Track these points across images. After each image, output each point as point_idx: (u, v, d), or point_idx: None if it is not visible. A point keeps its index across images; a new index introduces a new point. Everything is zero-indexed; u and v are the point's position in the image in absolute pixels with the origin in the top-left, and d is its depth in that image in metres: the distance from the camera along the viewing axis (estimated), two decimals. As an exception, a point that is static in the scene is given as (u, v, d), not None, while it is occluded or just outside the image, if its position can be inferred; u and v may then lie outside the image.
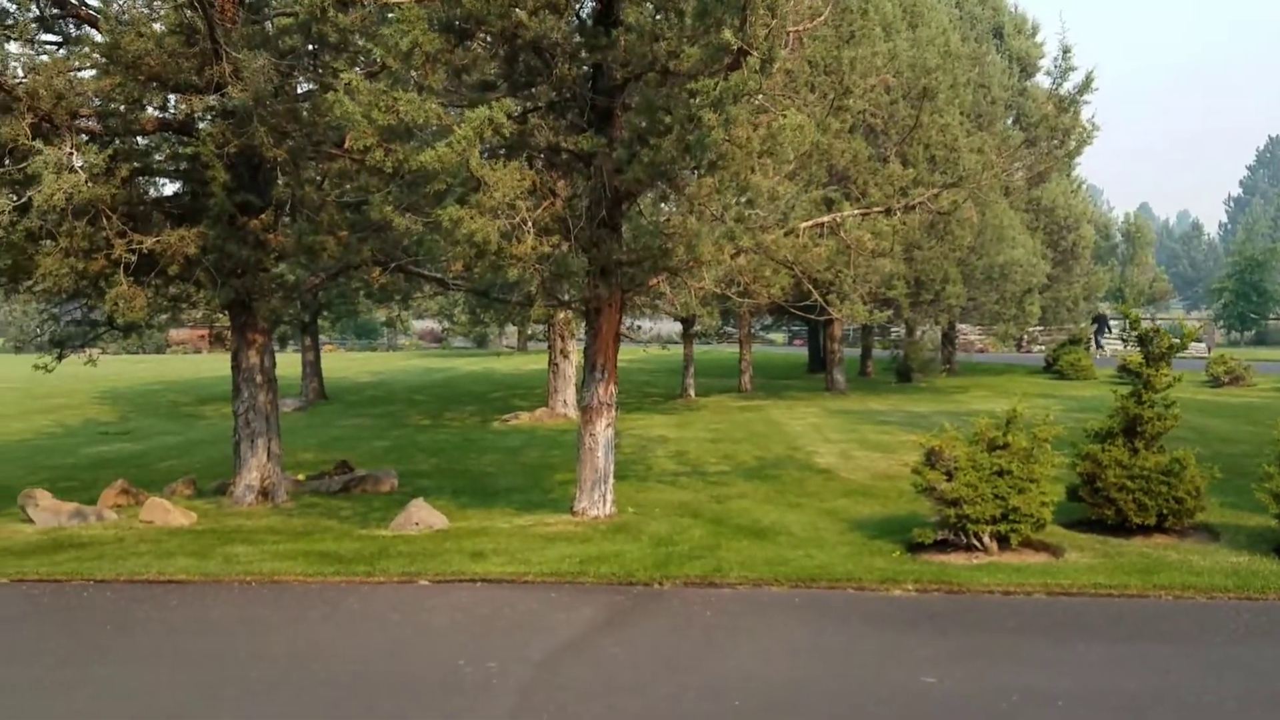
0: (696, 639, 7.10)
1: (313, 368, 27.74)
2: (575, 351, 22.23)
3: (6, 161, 9.45)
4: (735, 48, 8.15)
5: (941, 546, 8.95)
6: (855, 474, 13.65)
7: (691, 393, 25.62)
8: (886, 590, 8.08)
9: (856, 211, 10.75)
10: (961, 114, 21.72)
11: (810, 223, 10.51)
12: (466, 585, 8.51)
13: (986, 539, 8.80)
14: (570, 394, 21.83)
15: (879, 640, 7.00)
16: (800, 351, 44.23)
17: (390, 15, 9.34)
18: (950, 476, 8.74)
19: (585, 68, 9.78)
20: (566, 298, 11.71)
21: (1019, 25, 32.44)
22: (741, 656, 6.70)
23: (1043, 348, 39.10)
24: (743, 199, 10.26)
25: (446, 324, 45.00)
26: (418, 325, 55.89)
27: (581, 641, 7.03)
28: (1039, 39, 32.63)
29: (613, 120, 9.83)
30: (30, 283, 10.99)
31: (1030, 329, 36.33)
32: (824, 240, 10.56)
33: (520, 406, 23.50)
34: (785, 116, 8.96)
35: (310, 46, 11.08)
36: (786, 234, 9.94)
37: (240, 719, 5.80)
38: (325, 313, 27.76)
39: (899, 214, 10.63)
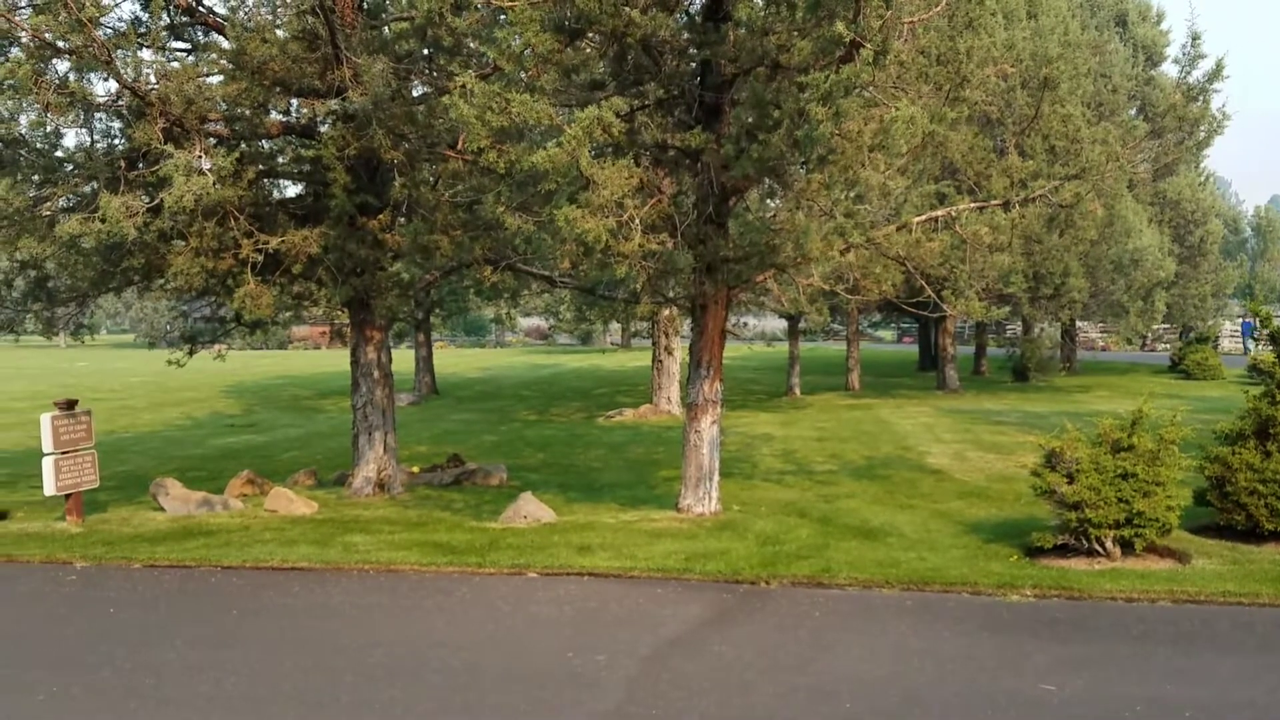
0: (805, 639, 7.02)
1: (425, 363, 28.48)
2: (679, 348, 22.26)
3: (140, 165, 9.95)
4: (848, 40, 8.01)
5: (1061, 551, 8.65)
6: (970, 475, 13.30)
7: (797, 390, 25.37)
8: (1003, 595, 7.85)
9: (972, 205, 10.45)
10: (1083, 104, 20.93)
11: (924, 217, 10.27)
12: (574, 578, 8.60)
13: (1109, 544, 8.46)
14: (674, 391, 21.87)
15: (995, 646, 6.79)
16: (910, 349, 43.32)
17: (502, 17, 9.51)
18: (1071, 479, 8.44)
19: (694, 64, 9.77)
20: (672, 294, 11.73)
21: (1143, 12, 31.17)
22: (852, 658, 6.59)
23: (1167, 346, 37.41)
24: (852, 194, 10.10)
25: (552, 321, 45.62)
26: (524, 322, 56.81)
27: (688, 638, 7.03)
28: (1164, 26, 31.31)
29: (721, 116, 9.79)
30: (163, 281, 11.55)
31: (1155, 327, 34.80)
32: (938, 235, 10.31)
33: (625, 403, 23.66)
34: (898, 109, 8.77)
35: (426, 51, 11.37)
36: (899, 229, 9.74)
37: (359, 704, 5.98)
38: (437, 310, 28.49)
39: (1017, 207, 10.30)
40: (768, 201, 12.48)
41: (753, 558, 8.88)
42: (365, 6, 11.12)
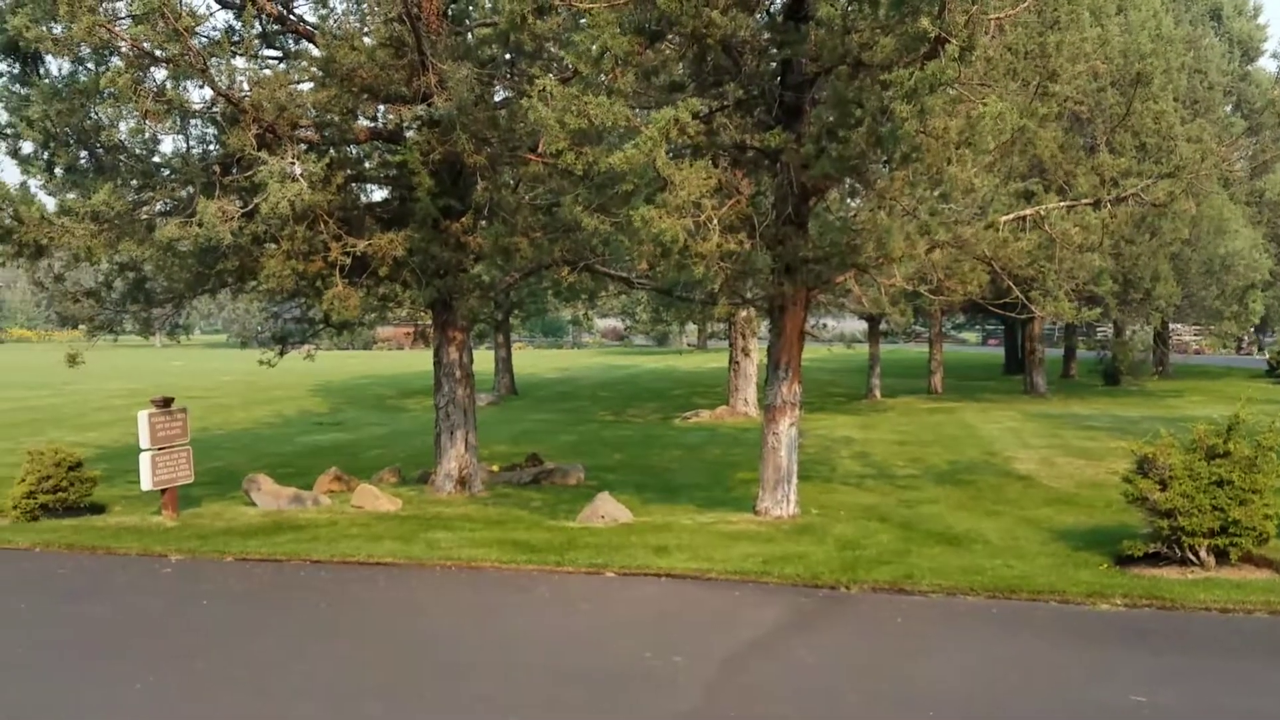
0: (887, 646, 6.93)
1: (504, 364, 28.84)
2: (757, 350, 22.15)
3: (234, 170, 10.28)
4: (933, 36, 7.89)
5: (1153, 560, 8.38)
6: (1058, 481, 12.96)
7: (877, 393, 25.03)
8: (1092, 604, 7.64)
9: (1062, 204, 10.19)
10: (1176, 100, 20.25)
11: (1011, 216, 10.05)
12: (651, 579, 8.62)
13: (1203, 553, 8.18)
14: (751, 392, 21.77)
15: (1084, 655, 6.61)
16: (995, 351, 42.41)
17: (582, 21, 9.58)
18: (1164, 486, 8.17)
19: (774, 64, 9.71)
20: (750, 295, 11.68)
21: (1239, 6, 30.07)
22: (936, 666, 6.48)
23: (1265, 350, 35.90)
24: (936, 192, 9.93)
25: (628, 322, 45.79)
26: (601, 323, 57.13)
27: (767, 641, 6.99)
28: (1261, 20, 30.13)
29: (801, 115, 9.72)
30: (255, 283, 11.90)
31: (1252, 330, 33.44)
32: (1025, 234, 10.07)
33: (701, 404, 23.62)
34: (985, 105, 8.60)
35: (507, 55, 11.53)
36: (986, 228, 9.54)
37: (444, 699, 6.09)
38: (516, 311, 28.84)
39: (1108, 206, 10.00)
40: (848, 201, 12.34)
41: (832, 562, 8.79)
42: (450, 13, 11.31)
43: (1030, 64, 9.96)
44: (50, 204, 10.74)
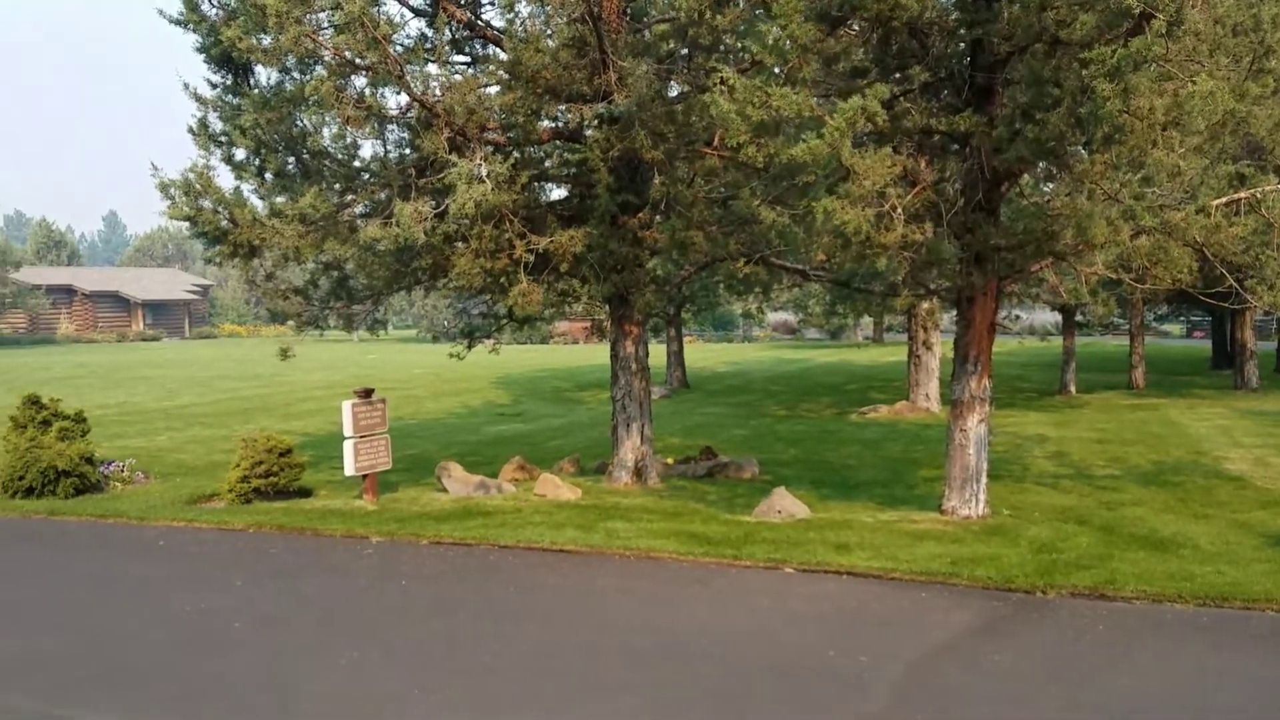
0: (1088, 653, 6.55)
1: (676, 357, 29.04)
2: (939, 343, 21.40)
3: (428, 172, 10.75)
4: (1137, 11, 7.40)
5: (1397, 575, 7.58)
6: (1274, 483, 11.95)
7: (1072, 388, 23.73)
8: (1323, 620, 6.99)
9: (1282, 185, 9.35)
10: None
11: (1224, 199, 9.30)
12: (832, 576, 8.47)
13: None
14: (933, 387, 21.06)
15: (1316, 677, 6.05)
16: (1201, 344, 39.48)
17: (758, 12, 9.50)
18: None
19: (963, 44, 9.34)
20: (934, 286, 11.28)
21: None
22: (1141, 676, 6.09)
23: None
24: (1139, 175, 9.30)
25: (801, 315, 45.19)
26: (772, 317, 56.61)
27: (958, 644, 6.74)
28: None
29: (992, 97, 9.31)
30: (446, 280, 12.43)
31: None
32: (1240, 219, 9.29)
33: (878, 399, 23.04)
34: (1194, 83, 7.98)
35: (685, 50, 11.57)
36: (1196, 212, 8.86)
37: (627, 684, 6.18)
38: (688, 305, 28.97)
39: (1339, 186, 9.10)
40: (1043, 186, 11.72)
41: (1027, 565, 8.39)
42: (629, 11, 11.46)
43: (1243, 40, 9.18)
44: (261, 207, 11.59)
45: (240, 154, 11.52)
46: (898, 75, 9.50)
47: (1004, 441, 15.48)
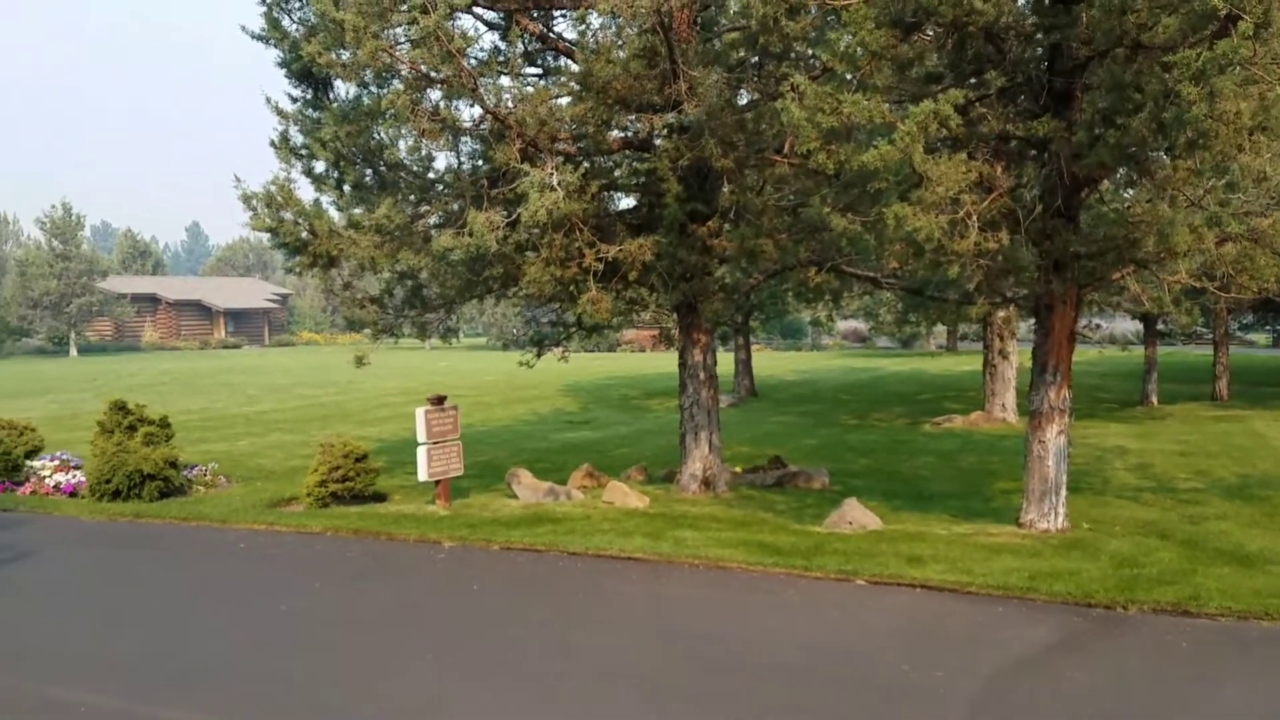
0: (1171, 672, 6.37)
1: (744, 366, 28.92)
2: (1016, 352, 20.98)
3: (500, 183, 10.89)
4: (1223, 13, 7.19)
5: None
6: (1372, 500, 11.45)
7: (1154, 399, 23.05)
8: None
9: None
10: None
11: (1317, 204, 8.97)
12: (905, 589, 8.35)
13: None
14: (1009, 397, 20.64)
15: None
16: (1289, 354, 38.05)
17: (830, 19, 9.44)
18: None
19: (1040, 49, 9.17)
20: (1011, 294, 11.08)
21: None
22: (1228, 697, 5.89)
23: None
24: (1222, 181, 9.02)
25: (871, 323, 44.64)
26: (841, 325, 56.03)
27: (1036, 661, 6.60)
28: None
29: (1071, 102, 9.12)
30: (517, 288, 12.57)
31: None
32: (1334, 224, 8.96)
33: (952, 409, 22.66)
34: (1283, 85, 7.72)
35: (755, 59, 11.55)
36: (1288, 217, 8.57)
37: (699, 693, 6.17)
38: (756, 313, 28.84)
39: None
40: (1123, 191, 11.44)
41: (1107, 580, 8.18)
42: (699, 20, 11.49)
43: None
44: (338, 218, 11.86)
45: (320, 166, 11.79)
46: (973, 80, 9.37)
47: (1083, 453, 15.10)
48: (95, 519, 12.07)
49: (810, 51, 10.46)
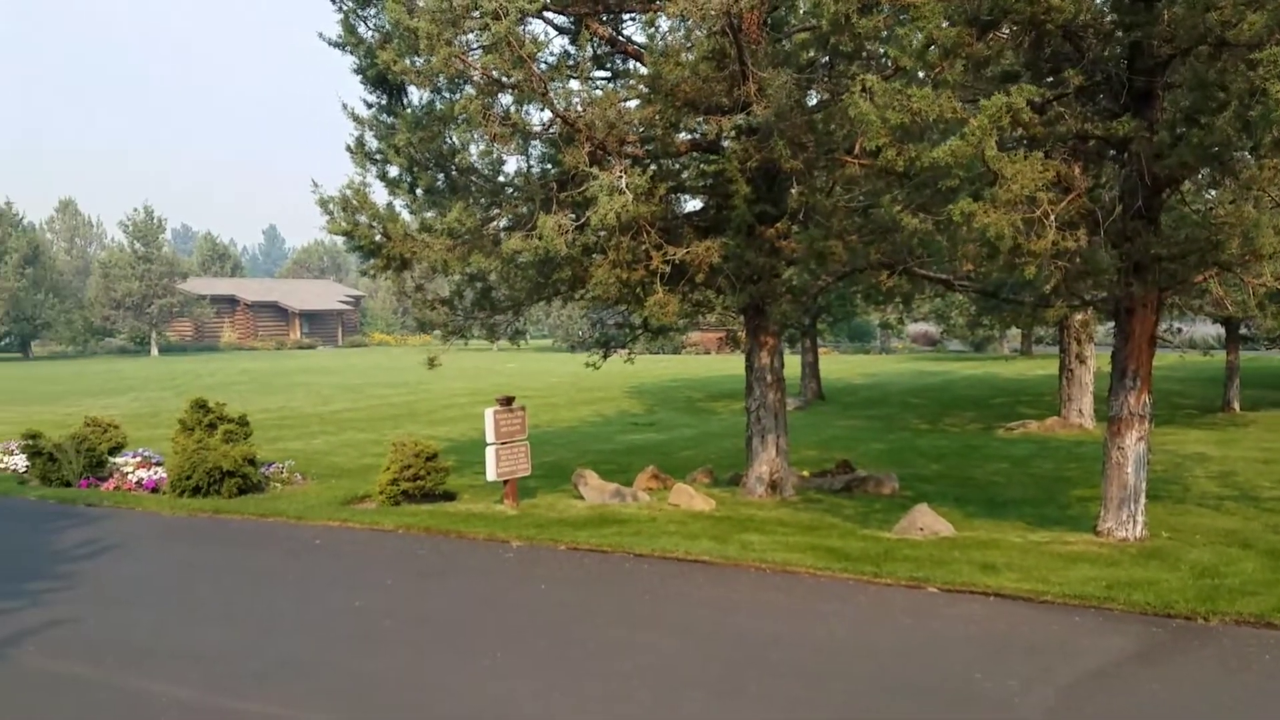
0: (1252, 684, 6.16)
1: (811, 369, 28.68)
2: (1093, 356, 20.47)
3: (569, 187, 10.98)
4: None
5: None
6: None
7: (1236, 405, 22.31)
8: None
9: None
10: None
11: None
12: (978, 597, 8.21)
13: None
14: (1087, 403, 20.15)
15: None
16: (1383, 360, 36.54)
17: (902, 16, 9.33)
18: None
19: (1120, 47, 8.95)
20: (1089, 297, 10.82)
21: None
22: (1320, 718, 5.68)
23: None
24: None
25: (943, 326, 43.92)
26: (911, 328, 55.23)
27: (1114, 672, 6.44)
28: None
29: (1152, 101, 8.89)
30: (584, 291, 12.66)
31: None
32: None
33: (1027, 414, 22.19)
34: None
35: (825, 58, 11.47)
36: (1382, 219, 8.24)
37: (765, 697, 6.15)
38: (825, 315, 28.57)
39: None
40: (1205, 193, 11.10)
41: (1187, 590, 7.94)
42: (769, 21, 11.45)
43: None
44: (411, 222, 12.07)
45: (394, 171, 12.01)
46: (1050, 79, 9.19)
47: (1163, 460, 14.68)
48: (176, 514, 12.45)
49: (882, 50, 10.35)
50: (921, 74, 8.66)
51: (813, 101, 11.69)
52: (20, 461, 15.35)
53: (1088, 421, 19.85)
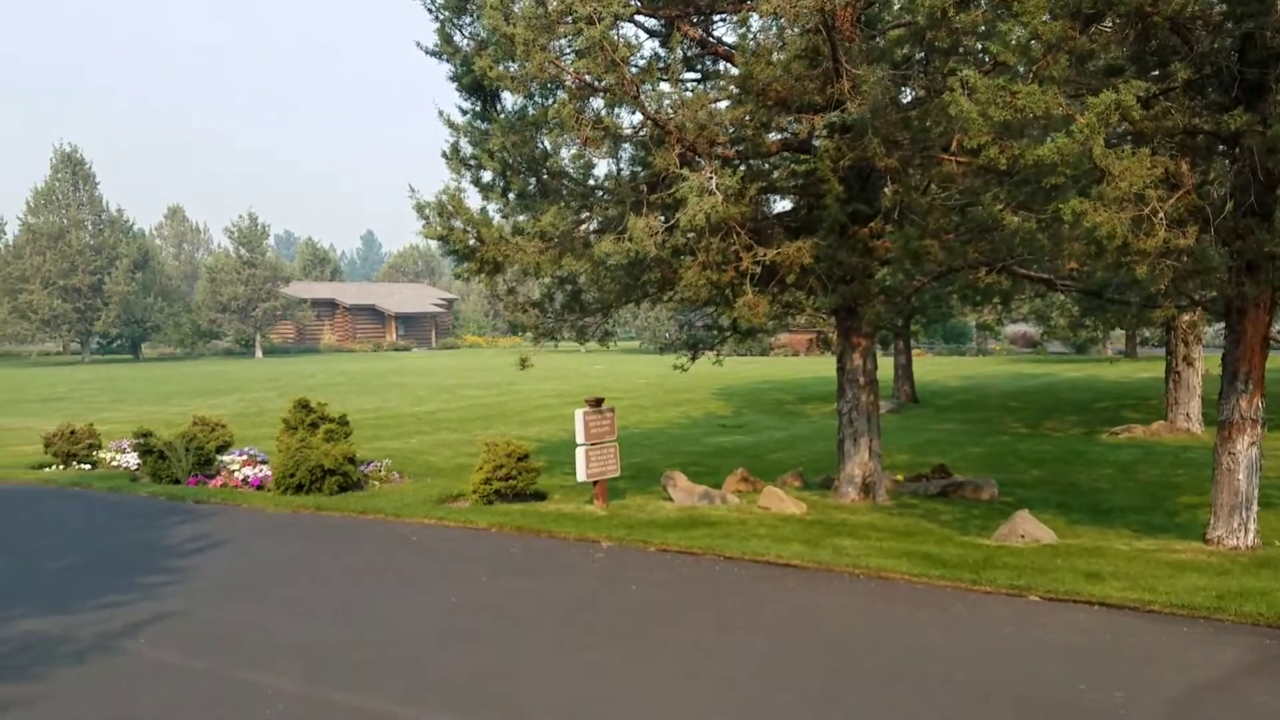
0: (1387, 710, 5.83)
1: (904, 371, 28.19)
2: (1201, 358, 19.66)
3: (659, 188, 11.01)
4: None
5: None
6: None
7: (1356, 410, 21.15)
8: None
9: None
10: None
11: None
12: (1082, 606, 7.97)
13: None
14: (1195, 406, 19.36)
15: None
16: None
17: (1001, 10, 9.10)
18: None
19: (1230, 39, 8.59)
20: (1199, 297, 10.40)
21: None
22: None
23: None
24: None
25: (1043, 328, 42.65)
26: (1009, 329, 53.79)
27: (1224, 684, 6.18)
28: None
29: (1264, 94, 8.50)
30: (673, 292, 12.67)
31: None
32: None
33: (1132, 418, 21.42)
34: None
35: (921, 54, 11.27)
36: None
37: (862, 706, 6.07)
38: (918, 316, 28.04)
39: None
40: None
41: (1304, 603, 7.58)
42: (863, 18, 11.30)
43: None
44: (504, 226, 12.25)
45: (487, 176, 12.22)
46: (1157, 73, 8.86)
47: (1276, 466, 14.01)
48: (280, 511, 12.88)
49: (980, 46, 10.12)
50: (1023, 69, 8.44)
51: (908, 98, 11.49)
52: (132, 459, 16.06)
53: (1195, 426, 19.08)
